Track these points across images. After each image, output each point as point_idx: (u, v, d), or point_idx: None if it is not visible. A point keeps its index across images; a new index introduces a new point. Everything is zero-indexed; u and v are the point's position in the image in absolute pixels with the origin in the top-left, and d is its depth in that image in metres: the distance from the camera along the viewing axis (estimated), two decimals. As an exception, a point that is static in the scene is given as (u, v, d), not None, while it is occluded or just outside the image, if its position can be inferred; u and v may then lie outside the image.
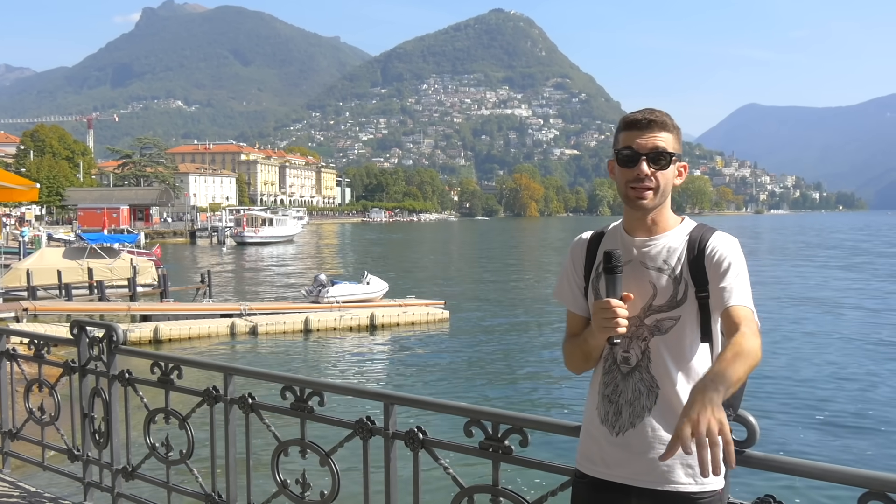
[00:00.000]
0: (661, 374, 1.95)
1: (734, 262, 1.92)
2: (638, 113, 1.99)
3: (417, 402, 3.01)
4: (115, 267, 25.98)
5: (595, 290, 2.06)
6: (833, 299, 28.18)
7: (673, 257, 1.98)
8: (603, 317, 1.88)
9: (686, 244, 1.98)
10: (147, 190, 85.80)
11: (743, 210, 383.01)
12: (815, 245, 71.86)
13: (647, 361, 1.97)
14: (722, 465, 1.67)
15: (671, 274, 1.96)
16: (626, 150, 1.97)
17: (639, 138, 1.95)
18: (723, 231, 2.00)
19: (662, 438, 1.93)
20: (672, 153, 1.97)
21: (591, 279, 2.09)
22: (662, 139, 1.96)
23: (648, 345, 1.96)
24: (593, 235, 2.15)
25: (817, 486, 7.70)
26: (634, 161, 1.95)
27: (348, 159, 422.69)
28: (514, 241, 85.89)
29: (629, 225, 2.05)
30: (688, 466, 1.92)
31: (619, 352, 1.99)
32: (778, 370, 15.49)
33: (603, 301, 1.90)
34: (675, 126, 1.99)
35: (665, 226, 2.02)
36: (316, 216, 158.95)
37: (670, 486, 1.93)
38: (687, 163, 2.07)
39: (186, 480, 3.87)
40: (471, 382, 15.58)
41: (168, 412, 3.80)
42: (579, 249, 2.15)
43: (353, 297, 22.77)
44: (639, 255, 2.00)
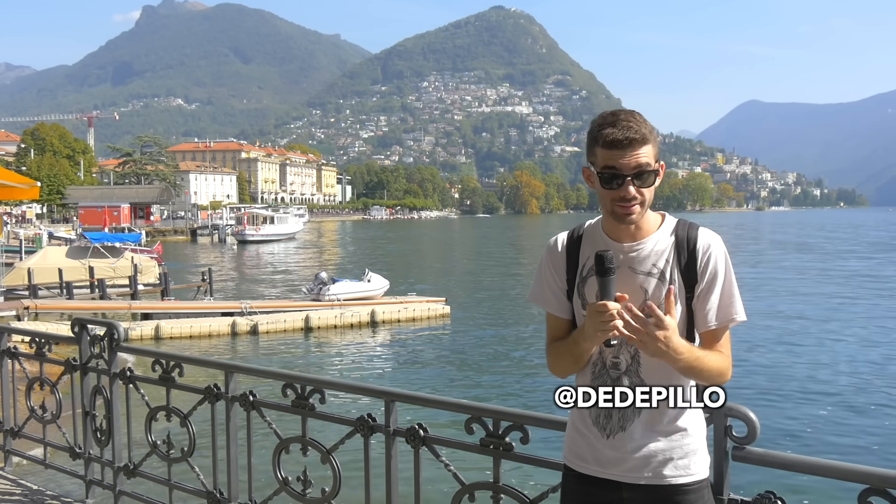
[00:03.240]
0: (651, 377, 1.95)
1: (724, 268, 1.95)
2: (615, 129, 1.88)
3: (418, 400, 3.02)
4: (118, 266, 25.99)
5: (581, 295, 2.02)
6: (832, 294, 28.18)
7: (661, 260, 1.96)
8: (599, 320, 1.85)
9: (673, 245, 1.97)
10: (148, 188, 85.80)
11: (744, 207, 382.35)
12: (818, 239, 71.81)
13: (637, 366, 1.97)
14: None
15: (661, 277, 1.95)
16: (609, 172, 1.90)
17: (621, 158, 1.87)
18: (704, 227, 2.01)
19: (653, 440, 1.94)
20: (655, 170, 1.93)
21: (576, 283, 2.05)
22: (645, 155, 1.89)
23: (638, 349, 1.94)
24: (570, 237, 2.10)
25: (818, 482, 7.72)
26: (619, 182, 1.89)
27: (349, 157, 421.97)
28: (515, 238, 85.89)
29: (612, 231, 2.00)
30: (679, 460, 1.95)
31: (609, 357, 1.98)
32: (777, 366, 15.50)
33: (599, 304, 1.86)
34: (651, 131, 1.92)
35: (648, 228, 1.99)
36: (317, 214, 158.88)
37: (663, 481, 1.94)
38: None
39: (188, 478, 3.87)
40: (472, 379, 15.59)
41: (169, 410, 3.81)
42: (558, 253, 2.10)
43: (353, 294, 22.77)
44: (626, 259, 1.97)
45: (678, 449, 1.94)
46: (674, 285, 1.93)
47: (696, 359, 1.88)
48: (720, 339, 1.96)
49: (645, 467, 1.94)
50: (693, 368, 1.88)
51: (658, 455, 1.94)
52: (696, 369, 1.89)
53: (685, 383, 1.95)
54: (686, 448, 1.95)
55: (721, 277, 1.95)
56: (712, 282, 1.94)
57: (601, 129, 1.90)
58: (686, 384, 1.95)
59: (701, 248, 1.95)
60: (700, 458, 1.98)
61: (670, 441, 1.95)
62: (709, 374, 1.91)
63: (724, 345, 1.96)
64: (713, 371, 1.91)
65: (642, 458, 1.94)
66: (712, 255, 1.95)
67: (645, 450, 1.94)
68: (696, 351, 1.89)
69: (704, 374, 1.90)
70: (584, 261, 2.04)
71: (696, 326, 1.97)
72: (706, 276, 1.95)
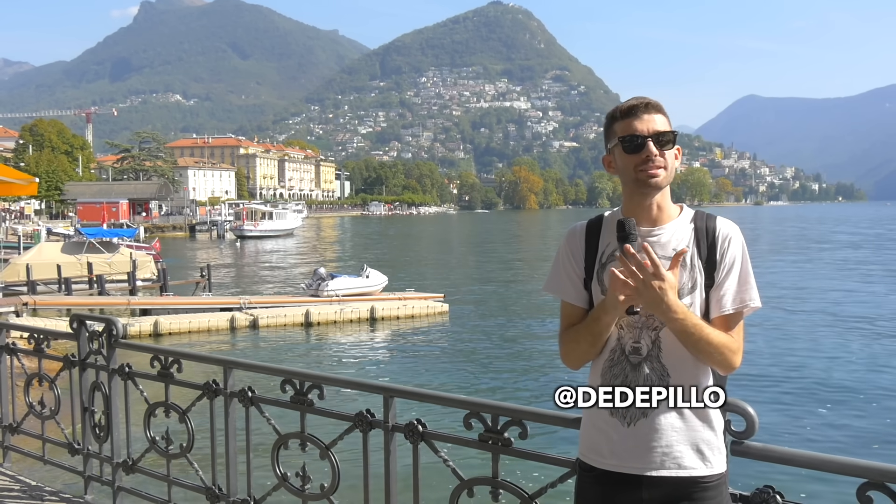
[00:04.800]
0: (673, 362, 1.96)
1: (741, 255, 2.00)
2: (632, 100, 2.01)
3: (417, 395, 3.02)
4: (113, 262, 26.00)
5: (601, 281, 2.03)
6: (831, 288, 28.21)
7: (681, 245, 1.99)
8: (620, 279, 1.87)
9: (693, 232, 2.01)
10: (146, 184, 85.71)
11: (742, 202, 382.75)
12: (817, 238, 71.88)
13: (658, 351, 1.97)
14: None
15: (682, 263, 1.96)
16: (629, 137, 1.97)
17: (639, 123, 1.97)
18: (722, 217, 2.05)
19: (675, 426, 1.94)
20: (674, 132, 2.00)
21: (595, 270, 2.06)
22: (661, 122, 1.98)
23: (659, 334, 1.96)
24: (590, 224, 2.12)
25: (816, 476, 7.73)
26: (641, 145, 1.96)
27: (347, 153, 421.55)
28: (514, 233, 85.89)
29: (632, 215, 2.02)
30: (699, 451, 1.95)
31: (630, 342, 1.98)
32: (776, 360, 15.52)
33: (623, 269, 1.87)
34: (664, 109, 2.03)
35: (669, 213, 2.03)
36: (315, 210, 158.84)
37: (682, 472, 1.94)
38: (685, 152, 2.10)
39: (187, 474, 3.88)
40: (470, 375, 15.61)
41: (168, 406, 3.81)
42: (577, 240, 2.10)
43: (352, 290, 22.78)
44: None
45: (700, 438, 1.95)
46: (696, 271, 1.97)
47: (696, 325, 1.89)
48: (732, 327, 1.97)
49: (667, 457, 1.94)
50: (692, 335, 1.88)
51: (679, 444, 1.94)
52: (696, 337, 1.88)
53: (704, 372, 1.97)
54: (707, 438, 1.95)
55: (738, 264, 1.99)
56: (730, 268, 1.98)
57: (617, 109, 2.04)
58: (703, 372, 1.96)
59: (720, 236, 2.00)
60: (719, 451, 1.98)
61: (692, 431, 1.94)
62: (711, 349, 1.90)
63: (735, 332, 1.97)
64: (717, 345, 1.90)
65: (664, 446, 1.94)
66: (731, 242, 2.00)
67: (667, 437, 1.94)
68: (696, 318, 1.91)
69: (706, 347, 1.90)
70: (603, 248, 2.06)
71: (711, 311, 1.98)
72: (724, 263, 1.99)
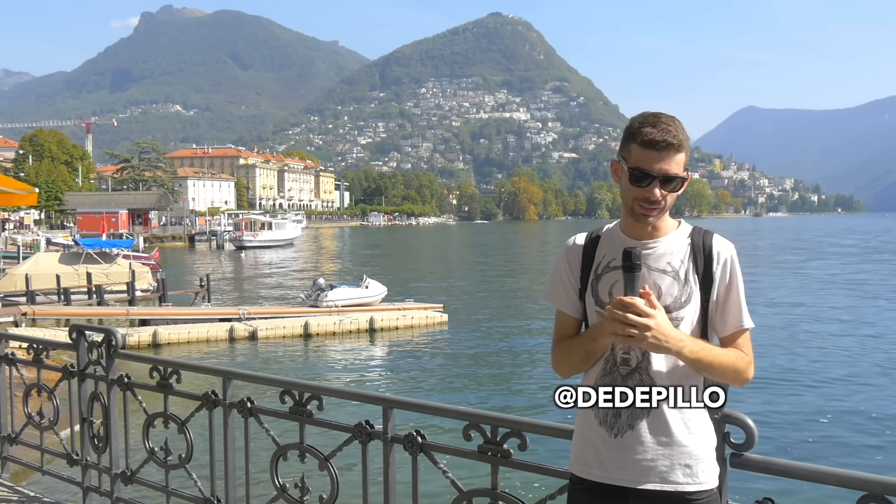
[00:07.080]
0: (661, 375, 1.96)
1: (739, 277, 2.02)
2: (655, 130, 1.91)
3: (416, 406, 3.02)
4: (111, 272, 25.97)
5: (595, 292, 2.05)
6: (832, 300, 28.20)
7: (676, 259, 2.00)
8: (622, 314, 1.86)
9: (690, 247, 2.02)
10: (146, 194, 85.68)
11: (741, 213, 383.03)
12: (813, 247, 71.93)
13: (648, 363, 1.97)
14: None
15: (675, 276, 1.98)
16: (639, 171, 1.93)
17: (654, 161, 1.92)
18: (718, 234, 2.06)
19: (661, 440, 1.94)
20: (683, 178, 1.96)
21: (589, 281, 2.07)
22: (677, 162, 1.93)
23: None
24: (588, 236, 2.14)
25: (816, 489, 7.69)
26: (648, 183, 1.94)
27: (347, 163, 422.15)
28: (513, 244, 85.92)
29: (629, 229, 2.05)
30: (686, 467, 1.94)
31: (619, 353, 1.99)
32: (776, 372, 15.49)
33: (626, 299, 1.87)
34: (686, 140, 1.96)
35: (665, 229, 2.04)
36: (314, 220, 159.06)
37: (669, 486, 1.93)
38: (688, 169, 2.08)
39: (185, 485, 3.87)
40: (469, 386, 15.58)
41: (167, 416, 3.80)
42: (575, 251, 2.13)
43: (351, 300, 22.74)
44: (642, 257, 2.00)
45: (686, 454, 1.94)
46: (691, 285, 1.99)
47: (703, 349, 1.91)
48: (737, 341, 2.00)
49: (651, 471, 1.94)
50: (701, 361, 1.91)
51: (665, 458, 1.93)
52: (706, 362, 1.91)
53: (696, 381, 1.97)
54: (695, 453, 1.94)
55: (736, 286, 2.01)
56: (728, 290, 2.00)
57: (641, 127, 1.94)
58: (695, 382, 1.97)
59: (716, 253, 2.01)
60: (709, 467, 1.97)
61: (679, 444, 1.94)
62: (722, 369, 1.93)
63: (742, 345, 2.00)
64: (726, 364, 1.93)
65: (650, 459, 1.94)
66: (728, 262, 2.01)
67: (652, 451, 1.93)
68: (700, 342, 1.93)
69: (717, 369, 1.93)
70: (599, 259, 2.07)
71: (712, 332, 2.02)
72: (723, 284, 2.00)
